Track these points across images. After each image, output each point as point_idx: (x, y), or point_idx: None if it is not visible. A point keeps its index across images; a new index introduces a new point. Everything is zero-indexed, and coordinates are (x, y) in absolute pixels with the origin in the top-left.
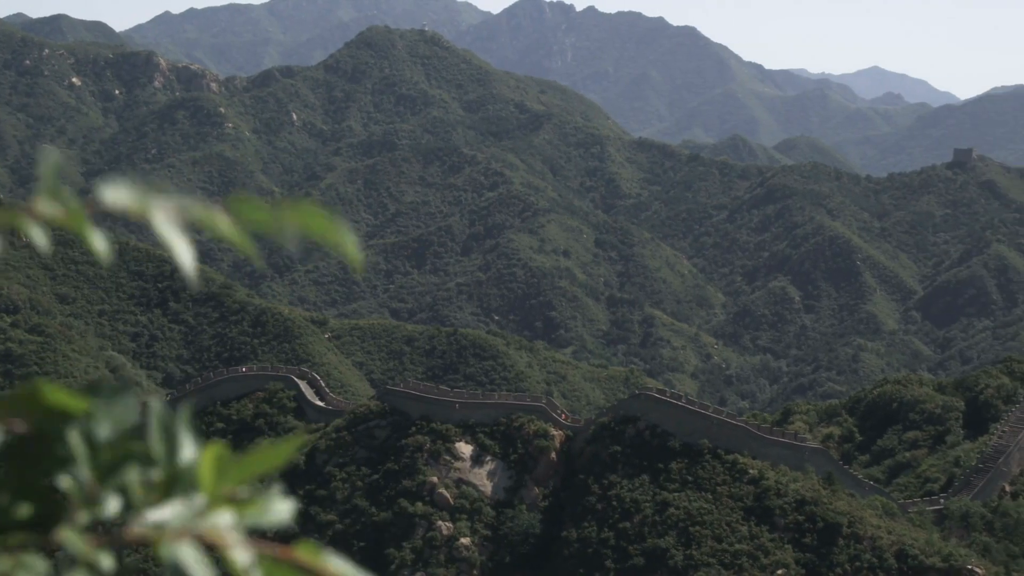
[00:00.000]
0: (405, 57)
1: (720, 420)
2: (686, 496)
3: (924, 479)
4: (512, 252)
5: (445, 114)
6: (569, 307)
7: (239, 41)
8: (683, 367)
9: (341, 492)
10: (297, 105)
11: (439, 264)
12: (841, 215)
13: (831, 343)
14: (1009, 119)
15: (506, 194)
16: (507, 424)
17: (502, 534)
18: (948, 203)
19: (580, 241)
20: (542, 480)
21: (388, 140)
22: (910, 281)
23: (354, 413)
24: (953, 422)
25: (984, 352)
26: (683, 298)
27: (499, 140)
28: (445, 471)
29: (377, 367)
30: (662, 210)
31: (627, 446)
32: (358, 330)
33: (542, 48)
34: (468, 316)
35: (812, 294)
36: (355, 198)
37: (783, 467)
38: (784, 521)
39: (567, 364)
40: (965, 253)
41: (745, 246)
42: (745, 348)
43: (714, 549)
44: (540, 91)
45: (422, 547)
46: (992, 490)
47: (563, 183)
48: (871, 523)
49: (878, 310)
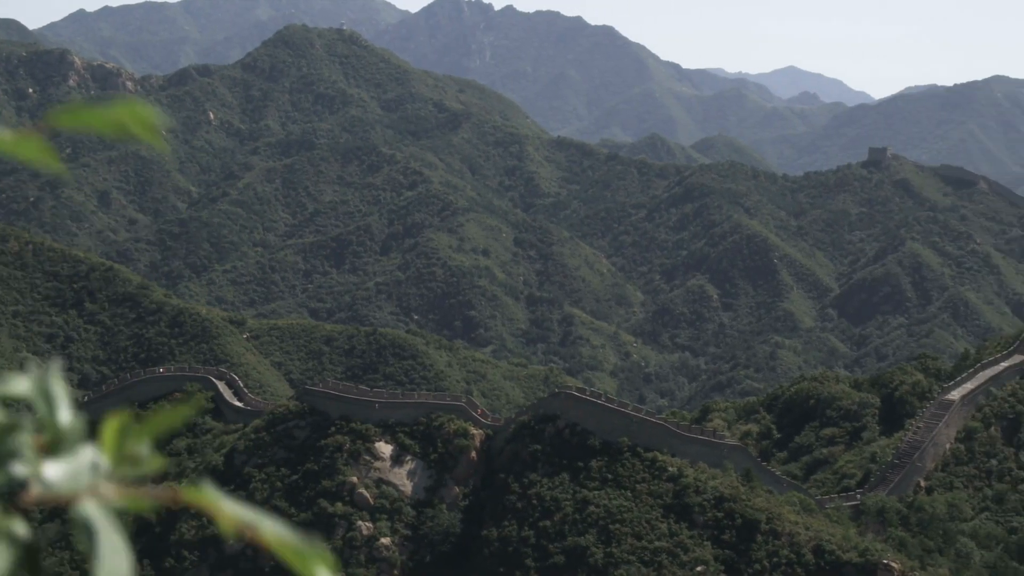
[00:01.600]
0: (323, 56)
1: (639, 418)
2: (606, 494)
3: (841, 475)
4: (431, 251)
5: (364, 113)
6: (488, 306)
7: (155, 40)
8: (602, 365)
9: (260, 493)
10: (214, 104)
11: (358, 264)
12: (758, 214)
13: (749, 341)
14: (923, 118)
15: (425, 193)
16: (427, 423)
17: (422, 534)
18: (863, 202)
19: (499, 240)
20: (462, 479)
21: (306, 139)
22: (826, 279)
23: (273, 414)
24: (869, 418)
25: (899, 349)
26: (602, 297)
27: (418, 139)
28: (365, 471)
29: (296, 367)
30: (581, 209)
31: (547, 445)
32: (277, 330)
33: (461, 47)
34: (387, 316)
35: (730, 292)
36: (273, 197)
37: (702, 464)
38: (703, 518)
39: (487, 363)
40: (880, 251)
41: (663, 245)
42: (664, 346)
43: (634, 547)
44: (459, 90)
45: (342, 547)
46: (907, 485)
47: (482, 182)
48: (789, 519)
49: (795, 308)
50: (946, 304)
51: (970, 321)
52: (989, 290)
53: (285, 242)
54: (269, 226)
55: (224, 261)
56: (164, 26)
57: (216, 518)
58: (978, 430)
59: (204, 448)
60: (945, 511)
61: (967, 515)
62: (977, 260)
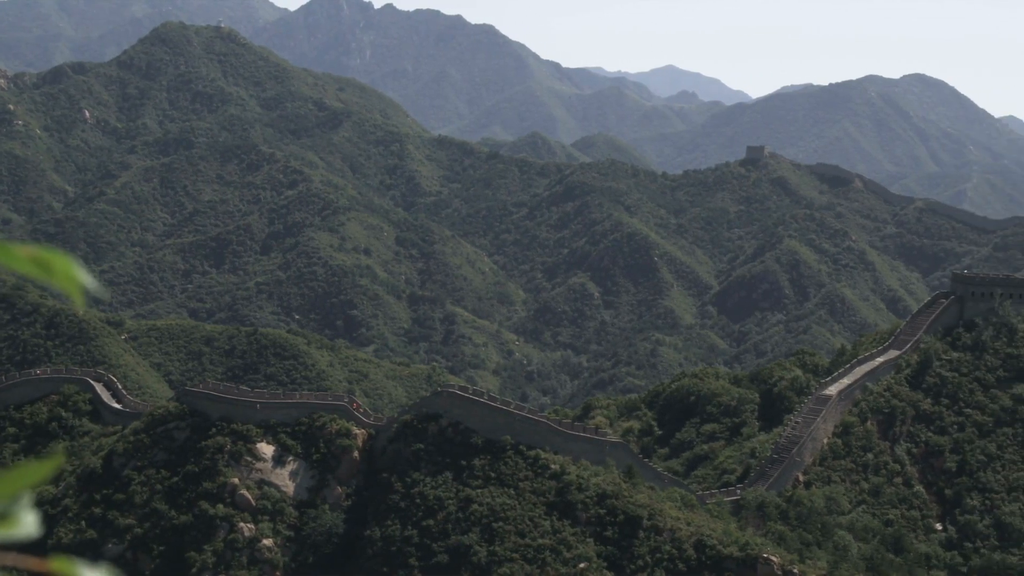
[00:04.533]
0: (201, 54)
1: (522, 416)
2: (489, 492)
3: (721, 470)
4: (312, 251)
5: (243, 112)
6: (370, 305)
7: (28, 36)
8: (485, 364)
9: (140, 496)
10: (90, 102)
11: (238, 263)
12: (639, 212)
13: (630, 338)
14: (799, 117)
15: (306, 192)
16: (309, 424)
17: (305, 534)
18: (742, 199)
19: (381, 239)
20: (345, 479)
21: (185, 138)
22: (706, 276)
23: (152, 415)
24: (749, 414)
25: (778, 345)
26: (484, 295)
27: (298, 138)
28: (246, 472)
29: (176, 368)
30: (462, 208)
31: (430, 443)
32: (156, 331)
33: (340, 45)
34: (268, 315)
35: (611, 290)
36: (151, 197)
37: (584, 462)
38: (586, 515)
39: (369, 362)
40: (759, 248)
41: (545, 243)
42: (546, 344)
43: (517, 544)
44: (339, 89)
45: (223, 549)
46: (786, 480)
47: (363, 181)
48: (670, 515)
49: (675, 305)
50: (823, 301)
51: (846, 317)
52: (865, 287)
53: (164, 242)
54: (147, 226)
55: (101, 261)
56: (37, 23)
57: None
58: (855, 425)
59: (82, 451)
60: (823, 505)
61: (844, 508)
62: (853, 257)
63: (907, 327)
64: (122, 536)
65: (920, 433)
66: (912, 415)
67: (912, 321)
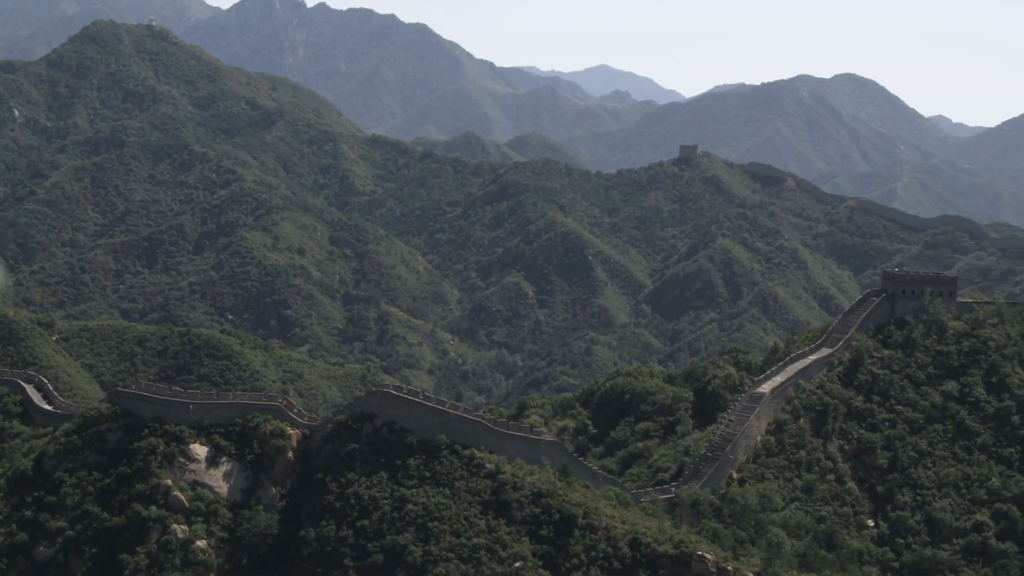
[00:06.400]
0: (132, 53)
1: (457, 416)
2: (424, 492)
3: (656, 469)
4: (246, 250)
5: (175, 111)
6: (304, 305)
7: None
8: (420, 363)
9: (71, 498)
10: (19, 101)
11: (171, 263)
12: (573, 211)
13: (565, 337)
14: (731, 116)
15: (239, 192)
16: (243, 424)
17: (239, 535)
18: (675, 198)
19: (314, 239)
20: (279, 480)
21: (116, 137)
22: (640, 275)
23: (84, 416)
24: (683, 412)
25: (711, 343)
26: (419, 295)
27: (231, 137)
28: (180, 473)
29: (108, 369)
30: (396, 207)
31: (364, 444)
32: (87, 331)
33: (273, 44)
34: (201, 315)
35: (546, 289)
36: (82, 196)
37: (519, 461)
38: (521, 514)
39: (303, 362)
40: (692, 247)
41: (479, 242)
42: (481, 343)
43: (452, 544)
44: (272, 88)
45: (157, 551)
46: (720, 478)
47: (296, 180)
48: (606, 513)
49: (610, 304)
50: (756, 299)
51: (779, 315)
52: (797, 285)
53: (95, 242)
54: (78, 226)
55: (31, 262)
56: None
57: None
58: (788, 422)
59: (12, 453)
60: (757, 502)
61: (778, 505)
62: (785, 256)
63: (839, 325)
64: (54, 539)
65: (852, 430)
66: (844, 412)
67: (844, 319)
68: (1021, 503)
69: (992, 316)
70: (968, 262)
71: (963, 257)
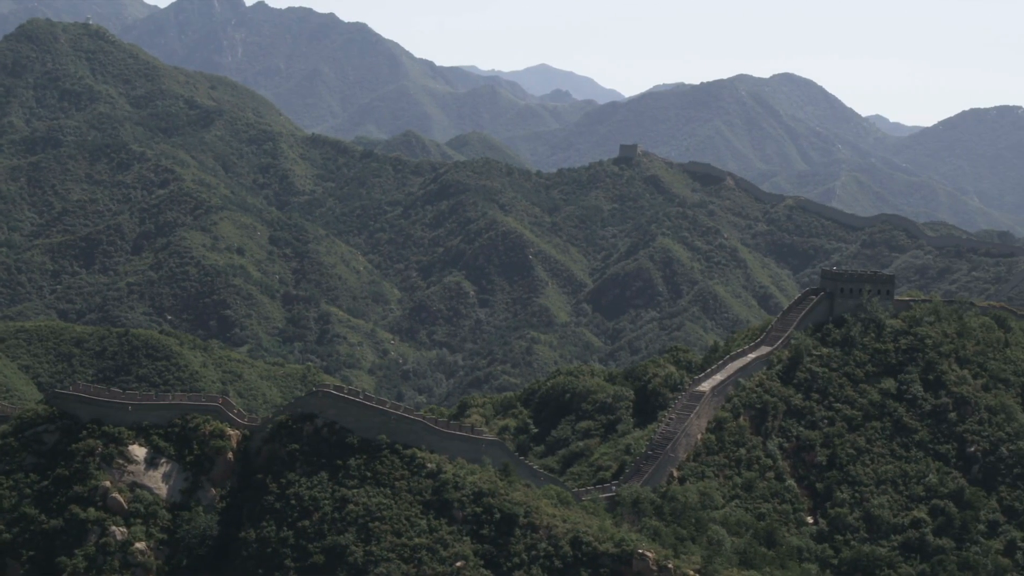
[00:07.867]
0: (68, 51)
1: (398, 415)
2: (365, 492)
3: (597, 467)
4: (184, 250)
5: (112, 110)
6: (244, 305)
7: None
8: (360, 363)
9: (8, 500)
10: None
11: (109, 263)
12: (513, 210)
13: (505, 336)
14: (671, 116)
15: (177, 191)
16: (182, 425)
17: (179, 537)
18: (615, 198)
19: (254, 239)
20: (219, 481)
21: (52, 136)
22: (580, 274)
23: (20, 418)
24: (623, 411)
25: (652, 342)
26: (359, 294)
27: (169, 136)
28: (118, 475)
29: (45, 370)
30: (336, 207)
31: (305, 444)
32: (24, 332)
33: (212, 43)
34: (140, 316)
35: (486, 288)
36: (18, 196)
37: (461, 460)
38: (462, 513)
39: (243, 363)
40: (632, 246)
41: (420, 242)
42: (421, 343)
43: (394, 544)
44: (211, 87)
45: (95, 554)
46: (661, 476)
47: (236, 180)
48: (547, 512)
49: (550, 303)
50: (696, 298)
51: (719, 314)
52: (737, 283)
53: (32, 242)
54: (15, 226)
55: None
56: None
57: None
58: (728, 420)
59: None
60: (697, 500)
61: (718, 503)
62: (725, 254)
63: (778, 323)
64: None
65: (791, 428)
66: (784, 410)
67: (783, 318)
68: (958, 499)
69: (929, 314)
70: (905, 260)
71: (900, 256)
